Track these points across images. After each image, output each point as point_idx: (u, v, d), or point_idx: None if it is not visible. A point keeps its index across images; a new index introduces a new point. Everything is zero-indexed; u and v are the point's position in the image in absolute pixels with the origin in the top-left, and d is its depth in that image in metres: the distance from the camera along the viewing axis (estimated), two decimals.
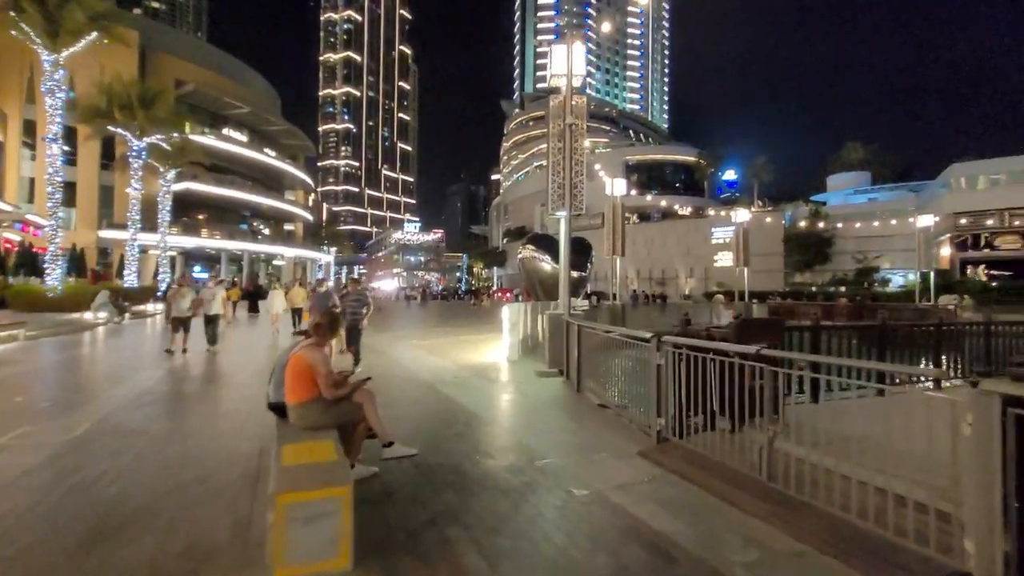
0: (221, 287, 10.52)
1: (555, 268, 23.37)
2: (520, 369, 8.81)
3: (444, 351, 11.36)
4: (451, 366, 9.16)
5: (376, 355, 10.52)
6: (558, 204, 8.07)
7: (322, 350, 3.70)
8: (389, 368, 8.92)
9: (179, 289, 10.02)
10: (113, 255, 39.26)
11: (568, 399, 6.61)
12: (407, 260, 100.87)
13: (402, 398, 6.49)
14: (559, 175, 8.04)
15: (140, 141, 24.80)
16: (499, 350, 11.01)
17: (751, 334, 4.87)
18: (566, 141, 7.88)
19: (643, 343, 4.67)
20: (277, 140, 62.85)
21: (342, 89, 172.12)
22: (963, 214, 36.73)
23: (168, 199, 31.68)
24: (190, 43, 60.53)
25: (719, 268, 61.08)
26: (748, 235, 24.50)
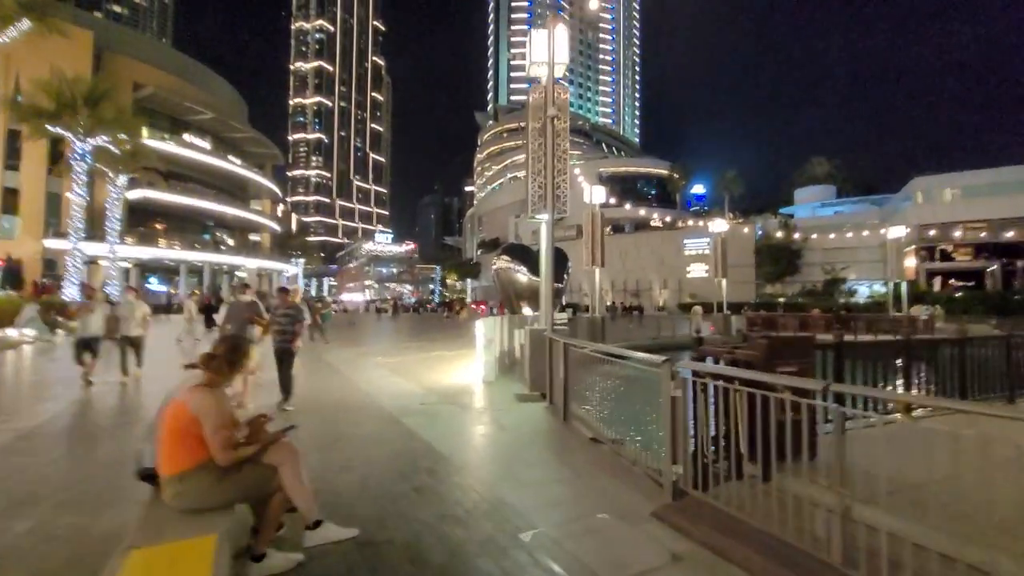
0: (142, 302, 8.72)
1: (532, 279, 22.49)
2: (497, 392, 7.80)
3: (412, 371, 10.24)
4: (418, 390, 8.06)
5: (331, 376, 9.33)
6: (539, 207, 7.16)
7: (216, 393, 2.59)
8: (344, 393, 7.77)
9: (87, 304, 8.34)
10: (61, 267, 36.50)
11: (554, 432, 5.63)
12: (379, 272, 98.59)
13: (353, 435, 5.37)
14: (540, 174, 7.15)
15: (84, 143, 22.91)
16: (473, 369, 9.98)
17: (781, 356, 4.02)
18: (547, 137, 7.01)
19: (652, 368, 3.75)
20: (243, 148, 60.66)
21: (313, 99, 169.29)
22: (926, 226, 37.73)
23: (118, 206, 29.57)
24: (150, 45, 58.02)
25: (692, 279, 61.56)
26: (726, 245, 24.24)
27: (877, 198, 54.19)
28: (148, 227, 50.28)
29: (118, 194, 29.32)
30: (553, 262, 21.64)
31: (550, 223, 7.02)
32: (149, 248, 46.46)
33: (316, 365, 11.09)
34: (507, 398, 7.31)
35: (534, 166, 7.17)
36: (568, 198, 7.10)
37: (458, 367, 10.77)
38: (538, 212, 7.18)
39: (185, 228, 54.58)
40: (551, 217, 7.01)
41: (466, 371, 10.10)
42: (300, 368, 9.82)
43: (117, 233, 29.62)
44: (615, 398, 5.16)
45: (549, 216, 7.02)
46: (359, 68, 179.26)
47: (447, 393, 7.75)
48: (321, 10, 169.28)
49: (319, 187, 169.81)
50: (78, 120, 22.07)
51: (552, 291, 21.58)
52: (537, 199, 7.13)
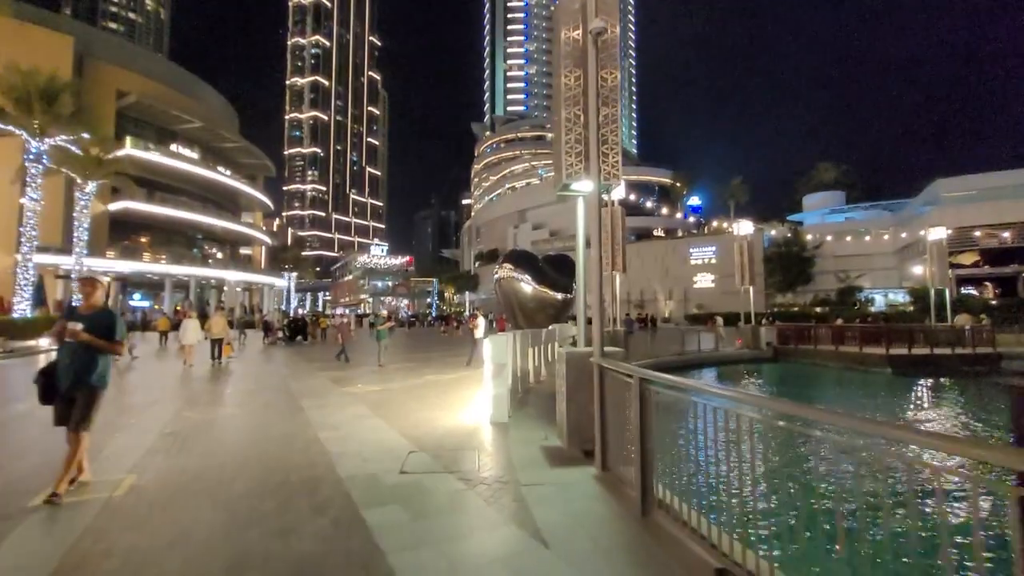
0: None
1: (537, 289, 20.10)
2: (514, 443, 5.38)
3: (397, 405, 7.81)
4: (399, 441, 5.62)
5: (285, 417, 6.88)
6: (576, 170, 4.83)
7: None
8: (289, 450, 5.32)
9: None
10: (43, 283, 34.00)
11: (629, 540, 3.20)
12: (374, 285, 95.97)
13: (261, 561, 2.95)
14: (576, 122, 4.84)
15: (41, 143, 20.64)
16: (477, 403, 7.58)
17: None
18: (589, 64, 4.71)
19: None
20: (233, 158, 58.69)
21: (309, 113, 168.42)
22: (965, 228, 35.70)
23: (86, 215, 27.18)
24: (134, 52, 56.17)
25: (699, 289, 59.36)
26: (753, 249, 22.02)
27: (890, 203, 52.24)
28: (132, 240, 48.07)
29: (86, 202, 26.97)
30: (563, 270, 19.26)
31: (595, 195, 4.67)
32: (129, 262, 44.02)
33: (273, 397, 8.64)
34: (531, 456, 4.89)
35: (568, 111, 4.85)
36: (620, 159, 4.77)
37: (457, 398, 8.35)
38: (575, 179, 4.84)
39: (172, 241, 52.42)
40: (597, 185, 4.67)
41: (468, 405, 7.68)
42: (244, 403, 7.65)
43: (85, 244, 27.19)
44: (750, 475, 2.77)
45: (594, 183, 4.68)
46: (355, 82, 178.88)
47: (442, 446, 5.32)
48: (317, 26, 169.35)
49: (315, 201, 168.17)
50: (32, 117, 19.80)
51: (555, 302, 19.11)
52: (573, 160, 4.80)
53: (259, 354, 16.92)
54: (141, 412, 7.39)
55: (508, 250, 46.71)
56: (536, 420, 6.61)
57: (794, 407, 2.27)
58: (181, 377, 11.67)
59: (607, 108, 4.77)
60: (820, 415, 2.08)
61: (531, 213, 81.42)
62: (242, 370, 13.16)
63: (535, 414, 7.01)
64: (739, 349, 20.95)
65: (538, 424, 6.39)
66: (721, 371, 18.36)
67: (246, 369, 13.45)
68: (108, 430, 6.18)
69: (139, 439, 5.74)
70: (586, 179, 4.82)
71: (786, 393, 13.90)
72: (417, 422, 6.60)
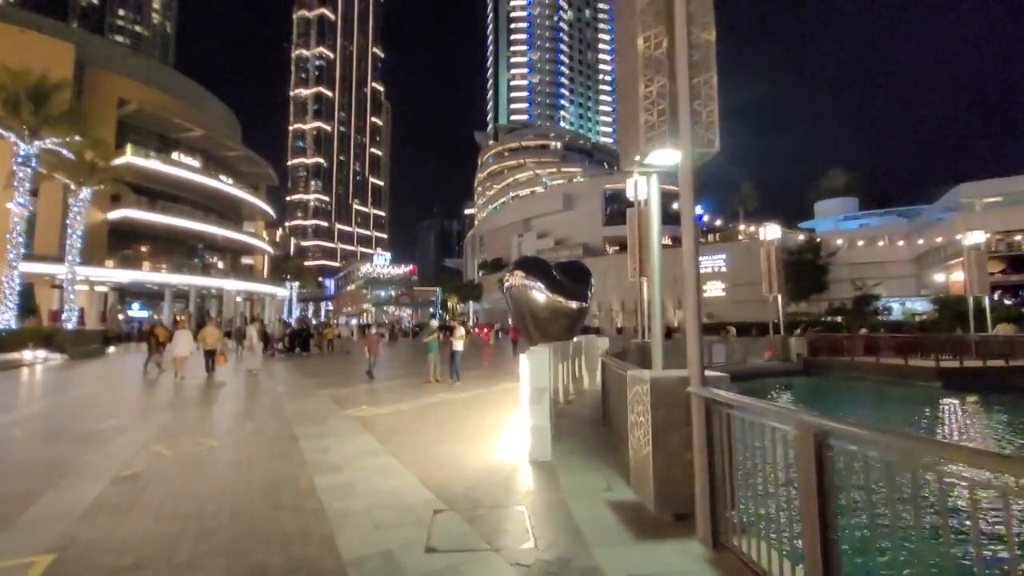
0: None
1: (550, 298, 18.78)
2: (571, 496, 4.10)
3: (409, 436, 6.53)
4: (418, 491, 4.34)
5: (275, 454, 5.60)
6: (660, 132, 3.60)
7: None
8: (271, 510, 4.05)
9: None
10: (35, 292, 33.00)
11: None
12: (376, 295, 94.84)
13: None
14: (658, 69, 3.63)
15: (29, 145, 19.62)
16: (505, 432, 6.32)
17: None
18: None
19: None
20: (235, 167, 57.92)
21: (312, 124, 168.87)
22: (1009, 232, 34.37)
23: (80, 222, 26.10)
24: (136, 61, 55.75)
25: (708, 298, 58.01)
26: (779, 255, 20.77)
27: (906, 209, 50.99)
28: (132, 249, 47.11)
29: (80, 208, 25.93)
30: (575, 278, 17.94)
31: (689, 161, 3.44)
32: (128, 271, 42.96)
33: (264, 424, 7.36)
34: (601, 519, 3.62)
35: (644, 55, 3.64)
36: (717, 120, 3.57)
37: (479, 425, 7.07)
38: (658, 145, 3.61)
39: (173, 250, 51.45)
40: (690, 153, 3.44)
41: (494, 434, 6.40)
42: (228, 431, 6.26)
43: (78, 252, 26.09)
44: None
45: (687, 149, 3.45)
46: (358, 93, 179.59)
47: (476, 500, 4.04)
48: (321, 38, 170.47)
49: (318, 211, 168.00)
50: (20, 118, 18.80)
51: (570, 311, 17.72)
52: (655, 119, 3.58)
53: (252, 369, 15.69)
54: (103, 444, 6.14)
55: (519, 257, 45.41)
56: (584, 458, 5.33)
57: None
58: (165, 394, 10.42)
59: (700, 53, 3.56)
60: None
61: (536, 222, 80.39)
62: (234, 387, 11.92)
63: (580, 448, 5.73)
64: (767, 361, 19.62)
65: (589, 463, 5.10)
66: (750, 385, 17.00)
67: (238, 386, 12.20)
68: (51, 473, 4.92)
69: (84, 488, 4.48)
70: (671, 142, 3.59)
71: (827, 412, 12.55)
72: (438, 460, 5.32)
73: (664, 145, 3.64)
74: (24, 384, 12.84)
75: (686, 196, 3.49)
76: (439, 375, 12.20)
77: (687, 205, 3.49)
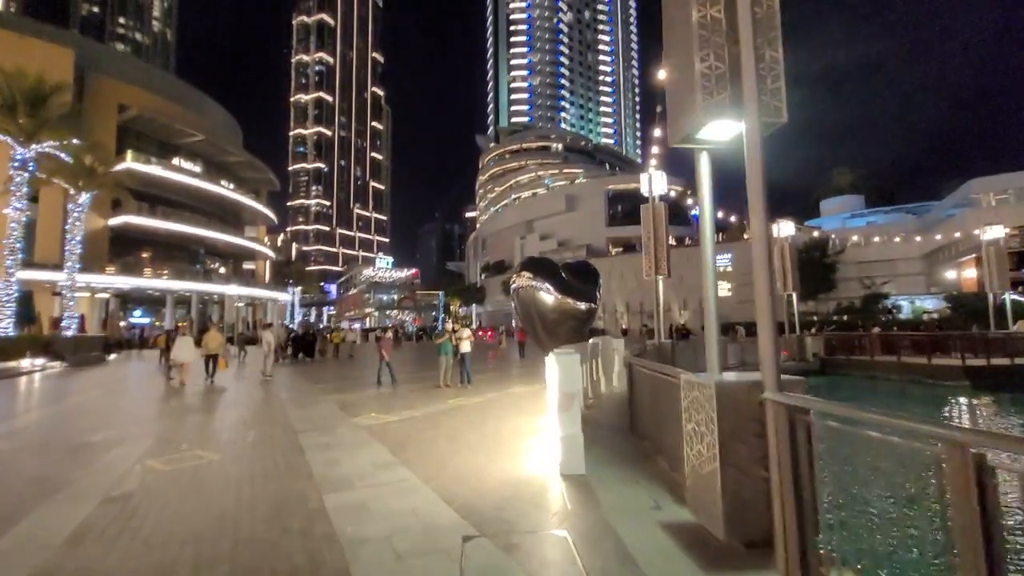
0: None
1: (559, 299, 18.28)
2: (617, 516, 3.62)
3: (424, 446, 6.07)
4: (442, 511, 3.87)
5: (280, 468, 5.14)
6: (719, 101, 3.14)
7: None
8: (276, 536, 3.59)
9: None
10: (35, 300, 32.68)
11: None
12: (379, 299, 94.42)
13: None
14: (715, 30, 3.18)
15: (26, 149, 19.26)
16: (527, 440, 5.85)
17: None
18: None
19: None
20: (236, 173, 57.66)
21: (313, 129, 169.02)
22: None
23: (79, 228, 25.75)
24: (136, 66, 55.66)
25: None
26: (794, 252, 20.24)
27: (914, 207, 50.42)
28: (134, 255, 46.81)
29: (80, 213, 25.59)
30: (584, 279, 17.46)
31: (757, 135, 2.98)
32: (129, 277, 42.62)
33: (267, 433, 6.90)
34: (657, 545, 3.15)
35: (699, 15, 3.19)
36: (783, 86, 3.11)
37: (498, 432, 6.59)
38: (716, 115, 3.15)
39: (174, 256, 51.15)
40: (757, 123, 2.98)
41: (516, 443, 5.93)
42: (230, 442, 5.73)
43: (78, 258, 25.72)
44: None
45: (752, 119, 2.99)
46: (358, 98, 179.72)
47: (508, 522, 3.57)
48: (321, 44, 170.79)
49: (319, 216, 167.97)
50: (17, 122, 18.44)
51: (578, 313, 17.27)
52: (713, 86, 3.13)
53: (259, 374, 15.27)
54: (94, 458, 5.68)
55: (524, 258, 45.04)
56: (619, 470, 4.85)
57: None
58: (164, 402, 9.97)
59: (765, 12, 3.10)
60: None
61: (538, 223, 79.94)
62: (237, 394, 11.47)
63: (611, 458, 5.25)
64: (784, 361, 19.08)
65: (626, 476, 4.63)
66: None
67: (241, 393, 11.75)
68: (36, 492, 4.47)
69: (71, 509, 4.02)
70: (732, 116, 3.13)
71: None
72: (459, 473, 4.85)
73: (724, 115, 3.18)
74: (19, 393, 12.41)
75: (754, 172, 3.02)
76: (449, 379, 11.74)
77: (755, 182, 3.02)
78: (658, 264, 12.54)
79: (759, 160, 3.02)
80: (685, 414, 3.51)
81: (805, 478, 2.63)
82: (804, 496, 2.63)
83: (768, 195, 3.45)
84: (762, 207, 3.02)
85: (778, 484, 2.75)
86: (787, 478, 2.67)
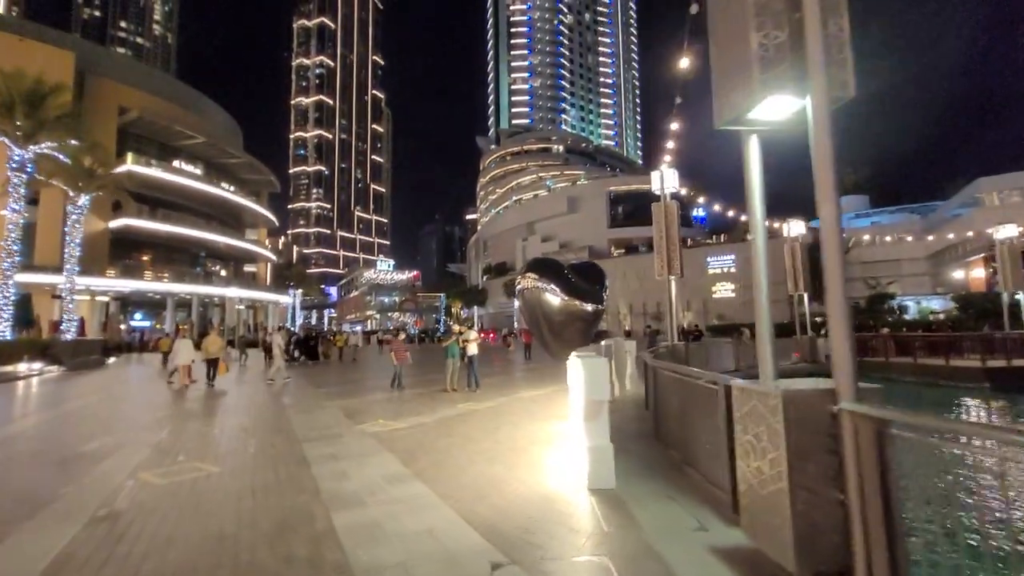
0: None
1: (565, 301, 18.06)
2: (660, 539, 3.25)
3: (437, 455, 5.70)
4: (464, 533, 3.50)
5: (282, 482, 4.76)
6: (779, 74, 2.79)
7: None
8: (280, 566, 3.23)
9: None
10: (35, 303, 32.39)
11: None
12: (380, 301, 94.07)
13: None
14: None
15: (24, 150, 18.96)
16: (550, 449, 5.49)
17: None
18: None
19: None
20: (237, 174, 57.40)
21: (314, 132, 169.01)
22: None
23: (78, 231, 25.43)
24: (137, 68, 55.47)
25: (719, 299, 57.11)
26: (806, 251, 19.90)
27: (918, 206, 50.05)
28: (134, 258, 46.54)
29: (79, 216, 25.28)
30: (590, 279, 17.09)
31: (825, 111, 2.62)
32: (129, 280, 42.32)
33: (269, 441, 6.53)
34: (706, 572, 2.79)
35: None
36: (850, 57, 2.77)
37: (513, 440, 6.22)
38: (775, 89, 2.79)
39: (174, 259, 50.88)
40: (825, 97, 2.63)
41: (536, 454, 5.56)
42: (229, 452, 5.29)
43: (77, 261, 25.39)
44: None
45: (820, 93, 2.64)
46: (359, 101, 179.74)
47: (539, 547, 3.21)
48: (321, 47, 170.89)
49: (319, 218, 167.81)
50: (14, 122, 18.14)
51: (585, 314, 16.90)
52: (772, 56, 2.78)
53: (259, 378, 14.93)
54: (85, 471, 5.32)
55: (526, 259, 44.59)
56: (651, 483, 4.48)
57: None
58: (162, 408, 9.61)
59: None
60: None
61: (540, 225, 79.57)
62: (238, 399, 11.11)
63: (639, 470, 4.89)
64: (795, 363, 18.73)
65: (659, 491, 4.26)
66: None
67: (242, 398, 11.39)
68: (18, 510, 4.10)
69: (54, 531, 3.66)
70: (793, 91, 2.77)
71: None
72: (477, 487, 4.48)
73: (784, 90, 2.82)
74: (14, 398, 12.06)
75: (822, 153, 2.67)
76: (456, 383, 11.37)
77: (823, 161, 2.66)
78: (671, 264, 12.18)
79: (828, 138, 2.66)
80: (739, 426, 3.15)
81: (894, 503, 2.27)
82: (894, 524, 2.26)
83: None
84: (833, 192, 2.67)
85: (858, 509, 2.39)
86: (874, 503, 2.30)
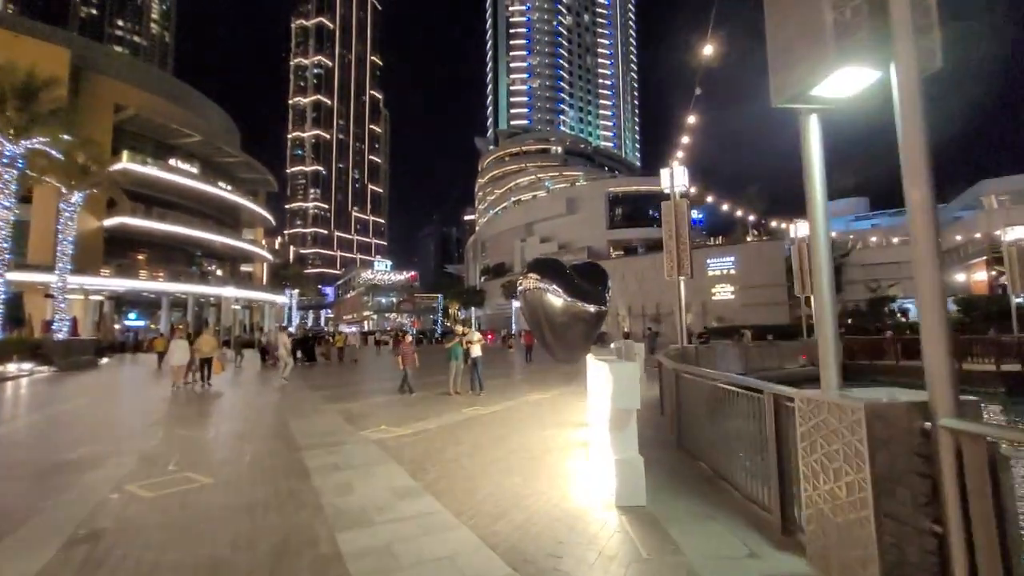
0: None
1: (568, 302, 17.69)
2: (703, 565, 2.89)
3: (447, 466, 5.32)
4: (485, 559, 3.14)
5: (281, 496, 4.38)
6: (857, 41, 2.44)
7: None
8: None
9: None
10: (27, 302, 31.87)
11: None
12: (377, 302, 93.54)
13: None
14: None
15: (15, 145, 18.50)
16: (566, 458, 5.12)
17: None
18: None
19: None
20: (234, 174, 56.90)
21: (311, 132, 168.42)
22: None
23: (71, 228, 24.93)
24: (133, 66, 54.88)
25: (718, 301, 56.87)
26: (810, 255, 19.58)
27: None
28: (129, 257, 45.99)
29: (72, 213, 24.78)
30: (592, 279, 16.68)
31: (916, 84, 2.28)
32: (124, 280, 41.76)
33: (266, 449, 6.13)
34: None
35: None
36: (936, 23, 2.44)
37: (528, 451, 5.85)
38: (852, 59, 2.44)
39: (170, 258, 50.32)
40: (914, 67, 2.29)
41: (552, 463, 5.19)
42: (223, 462, 4.92)
43: (70, 259, 24.89)
44: None
45: (907, 63, 2.29)
46: (357, 101, 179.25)
47: (566, 573, 2.84)
48: (319, 47, 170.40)
49: (317, 219, 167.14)
50: (5, 115, 17.69)
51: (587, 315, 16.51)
52: (848, 19, 2.43)
53: (256, 379, 14.52)
54: (67, 483, 4.92)
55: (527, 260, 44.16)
56: (686, 500, 4.11)
57: None
58: (154, 411, 9.19)
59: None
60: None
61: (538, 226, 79.23)
62: (232, 402, 10.71)
63: (670, 484, 4.52)
64: (803, 366, 18.42)
65: (696, 509, 3.89)
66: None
67: (237, 401, 10.99)
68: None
69: (28, 555, 3.27)
70: (871, 62, 2.42)
71: None
72: (495, 503, 4.11)
73: (862, 60, 2.47)
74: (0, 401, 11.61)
75: (911, 130, 2.32)
76: (459, 386, 10.99)
77: (913, 140, 2.31)
78: (680, 264, 11.85)
79: (918, 113, 2.31)
80: (803, 442, 2.79)
81: (1013, 538, 1.92)
82: (1011, 564, 1.91)
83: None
84: (925, 175, 2.31)
85: (961, 543, 2.03)
86: (986, 537, 1.95)
